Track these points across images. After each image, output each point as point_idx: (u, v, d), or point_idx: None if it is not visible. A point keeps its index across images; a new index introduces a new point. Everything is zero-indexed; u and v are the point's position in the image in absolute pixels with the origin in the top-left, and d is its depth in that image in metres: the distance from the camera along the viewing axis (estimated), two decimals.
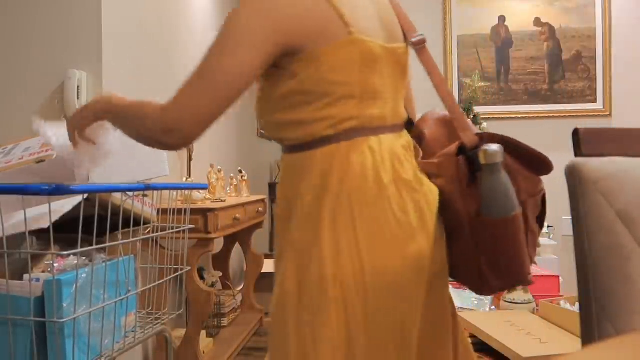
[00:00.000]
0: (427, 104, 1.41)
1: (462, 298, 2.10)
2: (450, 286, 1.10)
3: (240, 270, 4.04)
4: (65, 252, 1.16)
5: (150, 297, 1.65)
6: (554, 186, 4.15)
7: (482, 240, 0.96)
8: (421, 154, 1.04)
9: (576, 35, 3.60)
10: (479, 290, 1.08)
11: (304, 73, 0.92)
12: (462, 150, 1.00)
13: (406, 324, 0.92)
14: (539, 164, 0.99)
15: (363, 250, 0.90)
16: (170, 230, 1.64)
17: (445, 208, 0.98)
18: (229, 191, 3.24)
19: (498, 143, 0.95)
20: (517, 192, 0.96)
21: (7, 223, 1.16)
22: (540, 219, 1.04)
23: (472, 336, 1.61)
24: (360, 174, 0.92)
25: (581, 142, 0.80)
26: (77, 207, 1.17)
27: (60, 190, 1.04)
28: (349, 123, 0.94)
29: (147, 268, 1.78)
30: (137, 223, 1.45)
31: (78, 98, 2.10)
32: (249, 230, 3.21)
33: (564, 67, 3.62)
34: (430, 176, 1.00)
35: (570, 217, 0.76)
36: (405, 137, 1.05)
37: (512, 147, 0.98)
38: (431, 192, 0.98)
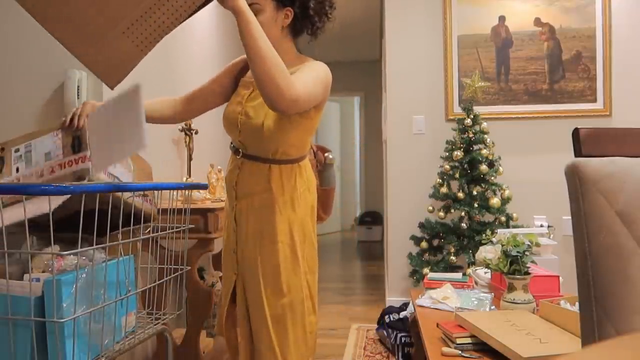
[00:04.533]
0: (432, 104, 1.58)
1: (463, 298, 2.10)
2: (450, 286, 2.18)
3: None
4: (65, 252, 1.16)
5: (150, 297, 1.65)
6: (554, 186, 4.18)
7: (320, 197, 1.79)
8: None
9: (576, 35, 3.60)
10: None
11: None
12: (314, 153, 1.85)
13: None
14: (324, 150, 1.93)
15: None
16: (170, 230, 1.64)
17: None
18: None
19: (321, 150, 1.87)
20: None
21: (7, 215, 1.16)
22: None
23: (472, 336, 1.61)
24: None
25: (581, 142, 0.80)
26: (77, 207, 1.17)
27: (61, 191, 1.04)
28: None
29: (147, 268, 1.78)
30: (137, 220, 1.44)
31: (78, 98, 2.10)
32: None
33: (564, 67, 3.61)
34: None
35: (570, 217, 0.76)
36: None
37: (324, 149, 1.89)
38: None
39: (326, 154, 1.87)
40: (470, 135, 3.33)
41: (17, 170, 1.43)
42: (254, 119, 1.56)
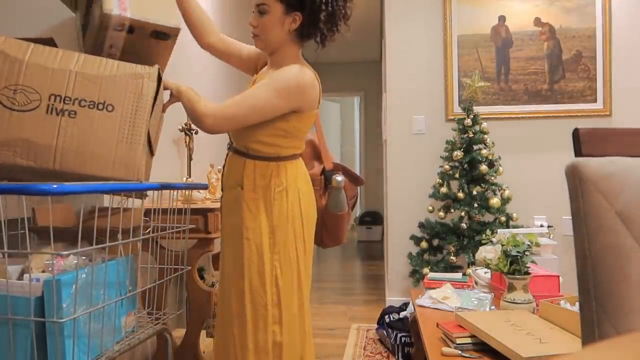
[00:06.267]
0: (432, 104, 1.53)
1: (463, 298, 2.10)
2: (450, 286, 2.21)
3: None
4: (65, 252, 1.16)
5: (150, 297, 1.65)
6: (554, 186, 4.16)
7: (324, 220, 1.76)
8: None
9: (576, 35, 3.60)
10: (318, 243, 1.80)
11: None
12: (323, 171, 1.80)
13: None
14: (357, 180, 1.89)
15: None
16: (170, 230, 1.64)
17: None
18: None
19: (341, 171, 1.81)
20: (346, 198, 1.80)
21: None
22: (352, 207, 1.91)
23: (472, 336, 1.61)
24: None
25: (581, 142, 0.80)
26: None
27: (61, 191, 1.04)
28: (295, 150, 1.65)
29: (147, 268, 1.78)
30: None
31: None
32: None
33: (564, 67, 3.61)
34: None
35: (570, 217, 0.76)
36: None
37: (347, 172, 1.84)
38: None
39: (334, 176, 1.79)
40: (470, 135, 3.33)
41: None
42: None
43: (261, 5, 1.56)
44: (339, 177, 1.78)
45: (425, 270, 3.27)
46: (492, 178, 3.32)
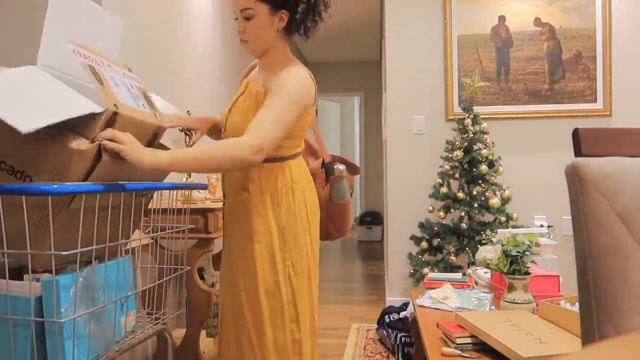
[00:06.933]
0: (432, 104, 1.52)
1: (463, 298, 2.10)
2: (450, 286, 2.22)
3: None
4: (65, 252, 1.16)
5: (150, 297, 1.65)
6: (554, 186, 4.15)
7: (329, 212, 1.81)
8: None
9: (576, 35, 3.60)
10: (324, 237, 1.84)
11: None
12: (322, 163, 1.83)
13: None
14: (355, 169, 1.93)
15: None
16: (170, 230, 1.64)
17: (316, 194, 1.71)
18: None
19: (341, 162, 1.86)
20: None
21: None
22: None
23: (472, 336, 1.61)
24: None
25: (581, 142, 0.80)
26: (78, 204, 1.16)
27: (61, 191, 1.04)
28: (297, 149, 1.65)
29: (147, 268, 1.78)
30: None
31: None
32: None
33: (564, 67, 3.61)
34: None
35: (570, 217, 0.76)
36: None
37: (344, 162, 1.89)
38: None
39: (335, 166, 1.81)
40: (470, 135, 3.33)
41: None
42: (232, 116, 1.62)
43: (246, 10, 1.53)
44: (341, 166, 1.82)
45: (425, 270, 3.27)
46: (492, 178, 3.32)
